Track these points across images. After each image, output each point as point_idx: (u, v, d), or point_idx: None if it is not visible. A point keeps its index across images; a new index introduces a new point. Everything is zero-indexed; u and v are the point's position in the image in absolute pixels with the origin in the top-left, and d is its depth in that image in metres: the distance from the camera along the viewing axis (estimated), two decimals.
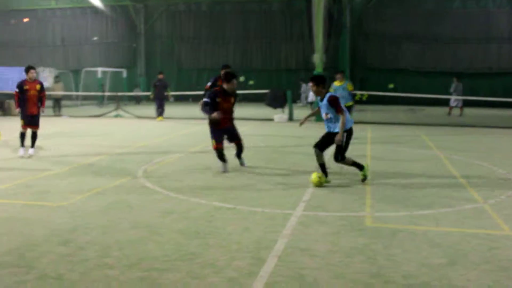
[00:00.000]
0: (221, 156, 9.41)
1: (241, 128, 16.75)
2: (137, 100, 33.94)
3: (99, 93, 30.94)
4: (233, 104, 9.80)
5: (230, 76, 9.48)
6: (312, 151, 8.57)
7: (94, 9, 37.34)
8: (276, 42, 35.74)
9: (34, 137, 11.41)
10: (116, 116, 23.30)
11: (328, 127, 8.43)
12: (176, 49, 37.92)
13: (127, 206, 6.92)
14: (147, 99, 28.02)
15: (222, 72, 11.62)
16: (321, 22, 20.69)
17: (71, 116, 23.79)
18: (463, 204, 7.07)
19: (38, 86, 11.42)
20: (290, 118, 20.91)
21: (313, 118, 13.14)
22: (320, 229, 5.86)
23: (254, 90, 28.42)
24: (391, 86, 32.25)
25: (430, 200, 7.36)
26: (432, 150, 12.51)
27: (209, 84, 12.04)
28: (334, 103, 8.13)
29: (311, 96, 27.09)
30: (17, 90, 11.34)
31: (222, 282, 4.34)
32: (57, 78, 26.88)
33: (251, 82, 34.61)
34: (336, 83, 15.05)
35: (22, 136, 11.29)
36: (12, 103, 25.92)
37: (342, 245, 5.30)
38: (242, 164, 9.92)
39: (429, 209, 6.80)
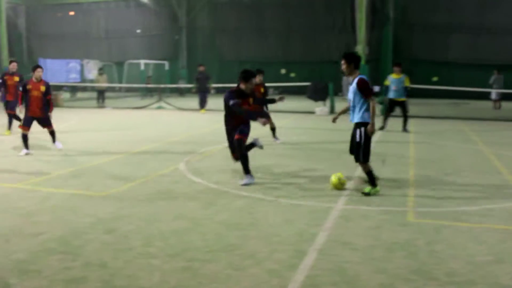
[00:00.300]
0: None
1: (282, 121, 16.77)
2: (180, 92, 34.29)
3: (143, 85, 31.38)
4: (250, 106, 8.61)
5: (249, 75, 8.30)
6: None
7: (137, 2, 37.90)
8: (318, 34, 35.42)
9: (52, 134, 10.90)
10: (159, 107, 23.62)
11: (351, 117, 7.34)
12: (217, 41, 38.09)
13: (170, 197, 7.03)
14: (190, 91, 28.22)
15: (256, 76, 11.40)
16: (364, 13, 20.43)
17: (114, 108, 24.24)
18: (509, 201, 6.88)
19: (43, 88, 10.48)
20: (332, 111, 20.76)
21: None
22: (361, 223, 5.81)
23: (295, 83, 28.29)
24: (434, 79, 31.55)
25: (475, 196, 7.19)
26: (477, 145, 12.21)
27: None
28: (362, 86, 7.05)
29: None
30: (21, 89, 10.86)
31: (263, 273, 4.36)
32: (101, 70, 27.43)
33: (292, 75, 34.48)
34: (394, 76, 14.52)
35: (24, 138, 10.41)
36: (57, 94, 26.62)
37: (384, 239, 5.25)
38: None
39: (474, 205, 6.64)
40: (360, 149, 7.07)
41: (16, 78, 13.85)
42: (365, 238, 5.29)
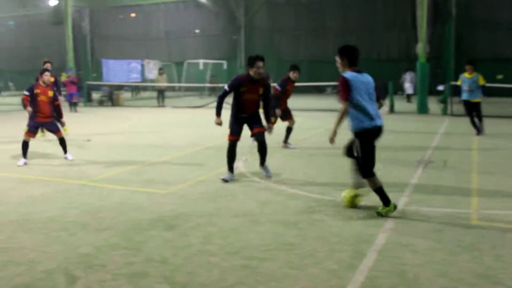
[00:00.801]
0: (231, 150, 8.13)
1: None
2: None
3: (203, 85, 31.82)
4: (261, 96, 8.06)
5: (253, 59, 7.76)
6: (410, 143, 8.22)
7: (196, 2, 38.52)
8: (377, 32, 34.91)
9: (62, 143, 10.00)
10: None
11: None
12: (275, 41, 38.18)
13: (229, 195, 7.10)
14: None
15: (290, 72, 11.20)
16: (425, 10, 19.93)
17: (174, 107, 24.71)
18: None
19: (50, 93, 9.92)
20: (391, 110, 20.40)
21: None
22: (422, 225, 5.68)
23: None
24: (499, 77, 30.43)
25: None
26: None
27: (278, 88, 11.14)
28: (339, 86, 5.87)
29: (408, 87, 26.04)
30: (26, 93, 9.85)
31: (322, 273, 4.34)
32: (161, 70, 28.02)
33: None
34: (466, 75, 13.48)
35: (25, 145, 9.64)
36: (119, 94, 27.40)
37: (446, 242, 5.11)
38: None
39: None
40: (362, 162, 5.96)
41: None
42: (426, 240, 5.16)
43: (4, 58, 45.41)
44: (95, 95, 28.53)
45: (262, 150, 8.16)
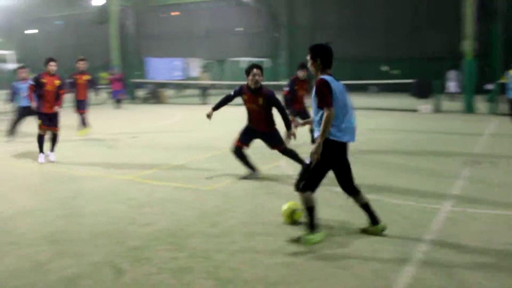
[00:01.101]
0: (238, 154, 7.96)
1: (381, 119, 16.37)
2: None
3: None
4: (261, 107, 7.58)
5: (249, 67, 7.48)
6: (456, 143, 8.02)
7: (238, 1, 38.65)
8: (422, 29, 34.24)
9: (54, 139, 9.91)
10: None
11: (314, 133, 5.21)
12: (317, 39, 37.87)
13: (272, 193, 7.10)
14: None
15: (298, 71, 10.73)
16: (471, 7, 19.44)
17: None
18: None
19: (57, 82, 9.89)
20: (437, 110, 19.97)
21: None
22: (470, 226, 5.54)
23: (398, 80, 27.53)
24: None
25: None
26: None
27: (286, 89, 10.74)
28: (318, 89, 4.95)
29: (452, 86, 25.40)
30: (32, 83, 9.83)
31: (367, 273, 4.29)
32: (204, 68, 28.22)
33: (395, 72, 33.59)
34: None
35: (40, 139, 9.77)
36: (162, 91, 27.75)
37: (495, 244, 4.97)
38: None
39: None
40: (308, 175, 5.14)
41: (86, 77, 13.41)
42: (474, 242, 5.03)
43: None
44: (139, 93, 29.00)
45: (291, 157, 8.02)
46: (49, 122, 9.79)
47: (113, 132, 14.19)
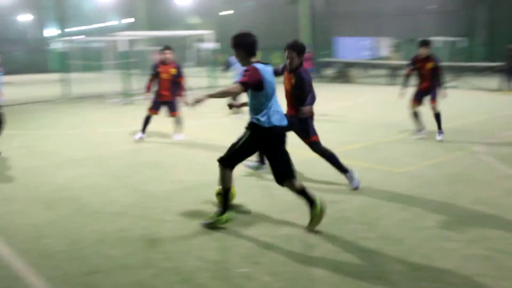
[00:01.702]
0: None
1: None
2: (478, 70, 31.92)
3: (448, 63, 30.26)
4: (293, 86, 6.39)
5: (285, 47, 6.32)
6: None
7: None
8: None
9: (178, 121, 10.20)
10: (453, 87, 22.66)
11: None
12: None
13: (466, 180, 6.73)
14: (493, 70, 26.05)
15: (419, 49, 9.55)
16: None
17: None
18: None
19: (173, 70, 9.93)
20: None
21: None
22: None
23: None
24: None
25: None
26: None
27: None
28: (247, 71, 4.82)
29: None
30: (152, 72, 10.11)
31: None
32: (395, 48, 27.42)
33: None
34: None
35: (146, 120, 10.02)
36: (350, 71, 27.68)
37: None
38: None
39: None
40: (230, 148, 5.03)
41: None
42: None
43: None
44: (327, 72, 29.25)
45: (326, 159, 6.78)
46: (167, 108, 10.08)
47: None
